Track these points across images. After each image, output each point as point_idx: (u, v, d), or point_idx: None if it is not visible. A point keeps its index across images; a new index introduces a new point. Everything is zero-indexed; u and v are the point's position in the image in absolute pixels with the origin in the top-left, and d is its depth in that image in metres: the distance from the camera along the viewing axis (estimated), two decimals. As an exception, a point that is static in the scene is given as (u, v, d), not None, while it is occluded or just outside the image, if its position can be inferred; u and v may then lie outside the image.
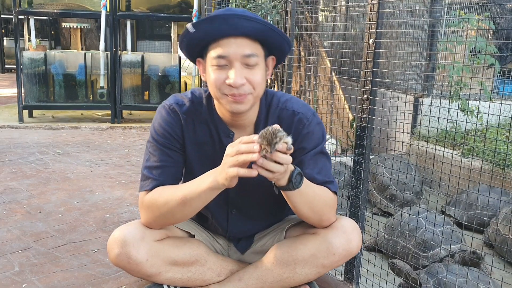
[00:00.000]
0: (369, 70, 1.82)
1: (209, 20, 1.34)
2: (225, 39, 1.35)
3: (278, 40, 1.41)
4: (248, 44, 1.37)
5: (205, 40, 1.38)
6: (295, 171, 1.33)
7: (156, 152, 1.51)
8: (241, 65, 1.36)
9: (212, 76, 1.39)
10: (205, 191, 1.38)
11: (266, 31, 1.37)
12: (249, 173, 1.24)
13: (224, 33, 1.35)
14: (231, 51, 1.35)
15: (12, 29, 10.14)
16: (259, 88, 1.41)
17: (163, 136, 1.50)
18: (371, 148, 1.89)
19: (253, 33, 1.36)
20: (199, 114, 1.52)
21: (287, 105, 1.53)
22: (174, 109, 1.51)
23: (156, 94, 5.90)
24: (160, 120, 1.52)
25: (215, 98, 1.45)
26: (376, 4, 1.78)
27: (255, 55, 1.38)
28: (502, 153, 2.85)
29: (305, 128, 1.50)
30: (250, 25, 1.34)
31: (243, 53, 1.36)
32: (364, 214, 1.92)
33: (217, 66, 1.37)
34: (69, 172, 3.54)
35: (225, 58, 1.36)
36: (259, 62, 1.39)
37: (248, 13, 1.38)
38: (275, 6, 4.19)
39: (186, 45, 1.43)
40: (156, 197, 1.47)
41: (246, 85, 1.38)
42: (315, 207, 1.45)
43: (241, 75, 1.36)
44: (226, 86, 1.38)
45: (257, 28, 1.35)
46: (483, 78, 3.39)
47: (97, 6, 5.75)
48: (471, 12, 4.06)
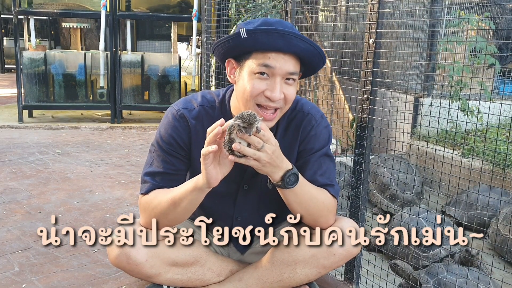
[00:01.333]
0: (369, 70, 1.82)
1: (265, 31, 1.32)
2: (274, 53, 1.34)
3: (318, 62, 1.42)
4: (294, 62, 1.37)
5: (253, 48, 1.36)
6: (291, 171, 1.33)
7: (159, 158, 1.50)
8: (282, 79, 1.37)
9: (251, 83, 1.36)
10: (190, 192, 1.38)
11: (314, 53, 1.38)
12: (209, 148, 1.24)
13: (277, 47, 1.34)
14: (278, 65, 1.35)
15: (12, 29, 10.13)
16: (289, 104, 1.42)
17: (168, 142, 1.49)
18: (371, 148, 1.89)
19: (303, 54, 1.37)
20: (210, 118, 1.50)
21: (297, 106, 1.53)
22: (182, 114, 1.49)
23: (156, 94, 5.90)
24: (167, 125, 1.50)
25: (243, 104, 1.41)
26: (376, 4, 1.78)
27: (296, 73, 1.40)
28: (502, 153, 2.84)
29: (313, 130, 1.51)
30: (303, 46, 1.35)
31: (288, 70, 1.36)
32: (364, 214, 1.92)
33: (259, 74, 1.36)
34: (69, 172, 3.54)
35: (270, 69, 1.35)
36: (296, 79, 1.40)
37: (299, 33, 1.38)
38: (275, 6, 4.19)
39: (229, 47, 1.39)
40: (151, 200, 1.47)
41: (282, 100, 1.38)
42: (311, 209, 1.45)
43: (281, 90, 1.37)
44: (262, 97, 1.37)
45: (308, 50, 1.36)
46: (483, 78, 3.39)
47: (97, 6, 5.74)
48: (471, 12, 4.06)
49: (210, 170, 1.30)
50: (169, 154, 1.49)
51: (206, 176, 1.30)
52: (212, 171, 1.30)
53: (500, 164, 2.93)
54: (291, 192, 1.38)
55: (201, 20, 5.09)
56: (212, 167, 1.30)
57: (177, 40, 6.64)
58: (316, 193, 1.45)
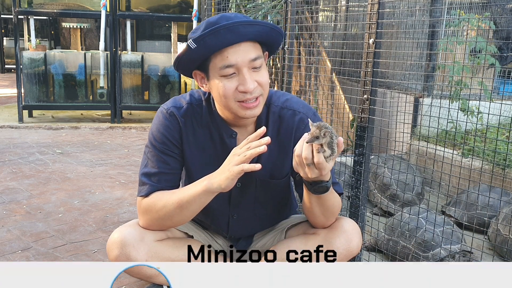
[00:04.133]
0: (369, 70, 1.82)
1: (212, 33, 1.30)
2: (230, 48, 1.33)
3: (277, 37, 1.41)
4: (252, 47, 1.36)
5: (208, 53, 1.35)
6: (330, 180, 1.33)
7: (154, 158, 1.50)
8: (248, 69, 1.36)
9: (222, 87, 1.36)
10: (199, 195, 1.38)
11: (268, 32, 1.37)
12: (252, 167, 1.24)
13: (229, 42, 1.32)
14: (239, 59, 1.34)
15: (12, 29, 10.13)
16: (267, 88, 1.42)
17: (161, 141, 1.49)
18: (371, 148, 1.89)
19: (257, 36, 1.36)
20: (199, 116, 1.51)
21: (287, 105, 1.52)
22: (172, 113, 1.50)
23: (156, 94, 5.90)
24: (158, 125, 1.51)
25: (224, 107, 1.41)
26: (376, 4, 1.78)
27: (260, 57, 1.38)
28: (502, 153, 2.84)
29: (307, 128, 1.50)
30: (254, 29, 1.34)
31: (249, 58, 1.35)
32: (364, 214, 1.92)
33: (225, 76, 1.36)
34: (69, 172, 3.54)
35: (233, 67, 1.34)
36: (262, 62, 1.39)
37: (247, 17, 1.37)
38: (275, 6, 4.19)
39: (186, 61, 1.39)
40: (154, 202, 1.47)
41: (257, 87, 1.37)
42: (326, 212, 1.46)
43: (252, 79, 1.36)
44: (238, 93, 1.36)
45: (261, 31, 1.35)
46: (483, 78, 3.39)
47: (97, 6, 5.74)
48: (471, 12, 4.05)
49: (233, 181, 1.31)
50: (163, 153, 1.50)
51: (228, 184, 1.31)
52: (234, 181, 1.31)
53: (500, 164, 2.93)
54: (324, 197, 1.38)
55: (201, 20, 5.10)
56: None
57: (177, 40, 6.64)
58: (334, 199, 1.46)
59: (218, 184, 1.32)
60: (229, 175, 1.29)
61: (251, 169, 1.25)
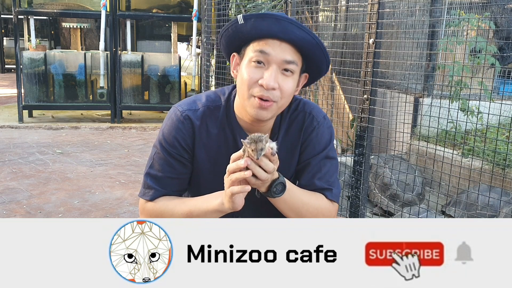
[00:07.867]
0: (369, 70, 1.82)
1: (260, 16, 1.32)
2: (271, 40, 1.32)
3: (320, 58, 1.39)
4: (292, 51, 1.35)
5: (250, 35, 1.35)
6: (278, 180, 1.31)
7: (161, 161, 1.47)
8: (278, 69, 1.34)
9: (247, 73, 1.34)
10: (211, 212, 1.36)
11: (313, 44, 1.35)
12: (242, 189, 1.23)
13: (272, 33, 1.32)
14: (274, 52, 1.32)
15: (12, 29, 10.13)
16: (286, 98, 1.38)
17: (172, 145, 1.46)
18: (371, 148, 1.89)
19: (301, 42, 1.34)
20: (215, 119, 1.48)
21: (298, 106, 1.51)
22: (187, 116, 1.45)
23: (156, 94, 5.90)
24: (171, 127, 1.47)
25: (241, 98, 1.39)
26: (376, 4, 1.78)
27: (295, 63, 1.36)
28: (502, 153, 2.84)
29: (315, 131, 1.48)
30: (300, 33, 1.33)
31: (284, 58, 1.33)
32: (364, 214, 1.92)
33: (255, 62, 1.35)
34: (69, 172, 3.54)
35: (266, 56, 1.33)
36: (295, 72, 1.37)
37: (295, 20, 1.37)
38: (275, 6, 4.19)
39: (229, 36, 1.39)
40: (160, 210, 1.45)
41: (277, 91, 1.36)
42: (303, 215, 1.43)
43: (276, 79, 1.34)
44: (257, 86, 1.34)
45: (306, 38, 1.33)
46: (484, 78, 3.39)
47: (97, 6, 5.75)
48: (471, 12, 4.06)
49: (238, 199, 1.29)
50: (171, 157, 1.47)
51: (234, 206, 1.30)
52: (240, 199, 1.30)
53: (500, 164, 2.93)
54: (280, 200, 1.37)
55: (201, 20, 5.09)
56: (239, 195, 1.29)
57: (177, 40, 6.64)
58: (308, 199, 1.43)
59: (227, 206, 1.31)
60: (227, 198, 1.29)
61: (240, 192, 1.24)
